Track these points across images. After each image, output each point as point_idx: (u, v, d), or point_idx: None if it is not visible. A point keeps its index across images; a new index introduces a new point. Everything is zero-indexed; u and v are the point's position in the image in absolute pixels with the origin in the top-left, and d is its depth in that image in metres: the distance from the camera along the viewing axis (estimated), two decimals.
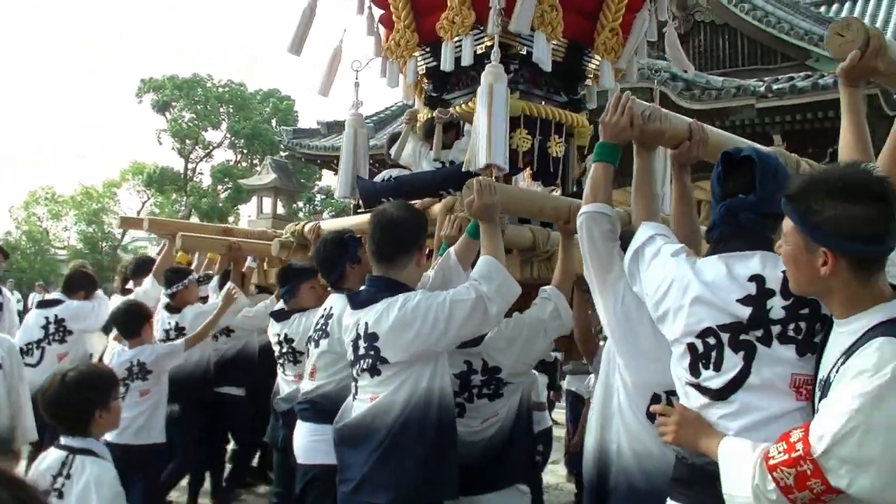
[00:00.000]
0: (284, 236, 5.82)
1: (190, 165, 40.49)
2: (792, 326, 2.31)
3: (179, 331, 6.13)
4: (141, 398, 5.40)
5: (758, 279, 2.37)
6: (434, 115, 5.65)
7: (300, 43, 5.80)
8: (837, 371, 1.99)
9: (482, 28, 5.17)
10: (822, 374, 2.09)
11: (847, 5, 20.03)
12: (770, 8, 15.96)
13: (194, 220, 39.14)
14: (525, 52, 5.33)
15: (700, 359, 2.41)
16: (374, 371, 3.33)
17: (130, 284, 7.53)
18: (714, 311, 2.39)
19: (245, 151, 40.10)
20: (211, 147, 40.61)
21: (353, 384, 3.50)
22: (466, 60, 5.22)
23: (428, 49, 5.72)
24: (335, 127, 21.17)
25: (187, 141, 39.39)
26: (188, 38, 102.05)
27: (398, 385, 3.27)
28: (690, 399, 2.44)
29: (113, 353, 5.60)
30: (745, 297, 2.37)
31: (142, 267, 7.37)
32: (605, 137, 2.94)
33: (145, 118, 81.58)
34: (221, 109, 39.72)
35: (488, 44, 5.20)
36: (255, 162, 38.90)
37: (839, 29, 2.61)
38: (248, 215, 36.50)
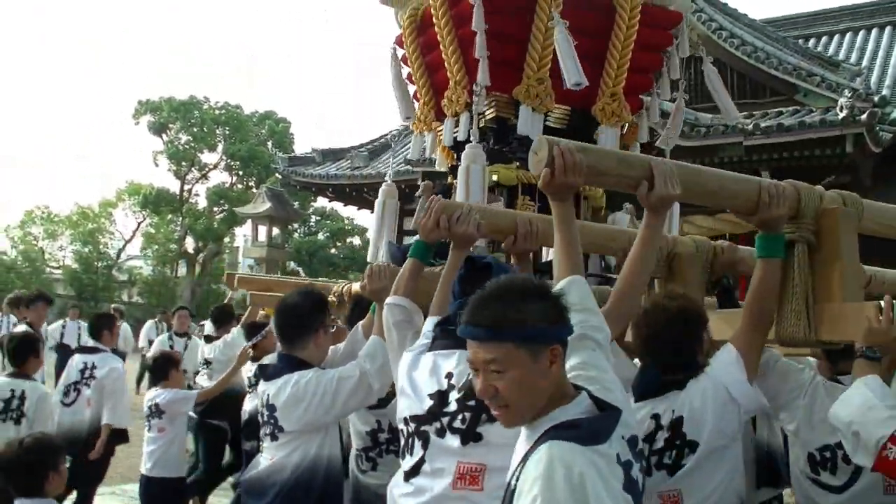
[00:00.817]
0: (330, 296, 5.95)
1: (186, 187, 40.62)
2: (459, 417, 2.58)
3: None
4: (158, 434, 6.41)
5: (448, 375, 2.66)
6: (422, 185, 5.89)
7: (409, 107, 6.11)
8: (517, 479, 1.97)
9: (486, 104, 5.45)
10: (507, 478, 2.08)
11: (836, 38, 20.30)
12: (759, 43, 16.14)
13: (190, 241, 39.54)
14: None
15: (402, 445, 2.78)
16: (273, 436, 3.85)
17: (210, 329, 8.74)
18: (411, 402, 2.74)
19: (241, 173, 40.24)
20: (207, 169, 40.75)
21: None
22: (462, 136, 5.46)
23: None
24: (330, 155, 21.35)
25: (183, 163, 39.52)
26: (188, 37, 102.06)
27: (291, 450, 3.78)
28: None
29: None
30: (435, 392, 2.66)
31: (221, 317, 8.78)
32: (420, 236, 3.29)
33: (142, 139, 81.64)
34: (217, 131, 39.86)
35: (489, 116, 5.49)
36: (250, 184, 39.09)
37: (535, 148, 2.71)
38: (243, 234, 36.78)
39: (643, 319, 3.17)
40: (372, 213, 22.46)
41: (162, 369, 6.57)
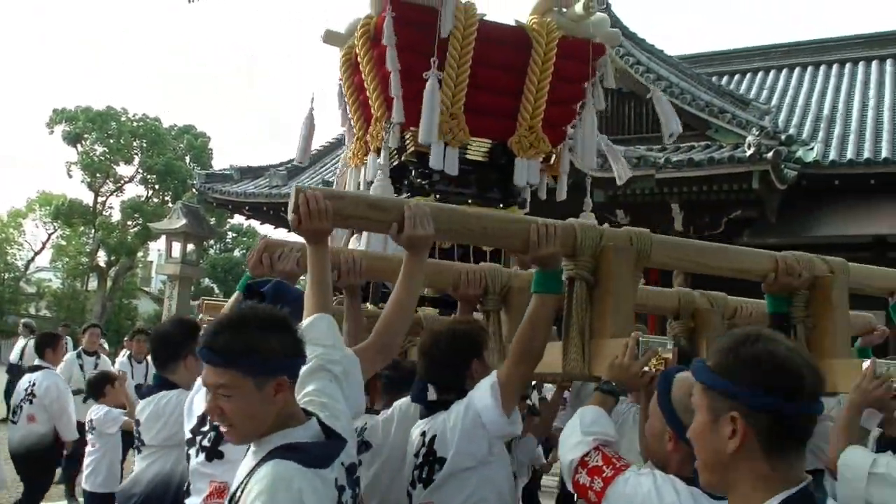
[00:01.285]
0: None
1: (100, 199, 39.69)
2: (209, 436, 2.94)
3: None
4: (92, 448, 6.75)
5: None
6: None
7: (305, 152, 6.16)
8: (242, 491, 2.11)
9: (404, 139, 5.53)
10: (232, 489, 2.23)
11: (748, 76, 20.95)
12: (674, 79, 16.55)
13: (102, 255, 38.67)
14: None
15: None
16: (138, 449, 4.22)
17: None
18: (188, 426, 3.09)
19: (157, 187, 39.49)
20: (122, 182, 39.89)
21: None
22: (370, 174, 5.56)
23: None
24: (248, 172, 21.19)
25: (98, 174, 38.62)
26: (188, 38, 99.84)
27: (149, 463, 4.12)
28: None
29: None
30: (201, 414, 2.97)
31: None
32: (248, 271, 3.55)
33: (57, 148, 79.78)
34: (135, 143, 39.05)
35: (409, 150, 5.59)
36: (166, 199, 38.37)
37: (293, 194, 2.90)
38: (158, 249, 36.14)
39: (425, 340, 3.45)
40: (288, 231, 22.32)
41: (98, 386, 6.85)
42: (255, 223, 26.23)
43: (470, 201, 5.68)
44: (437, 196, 5.64)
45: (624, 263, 3.19)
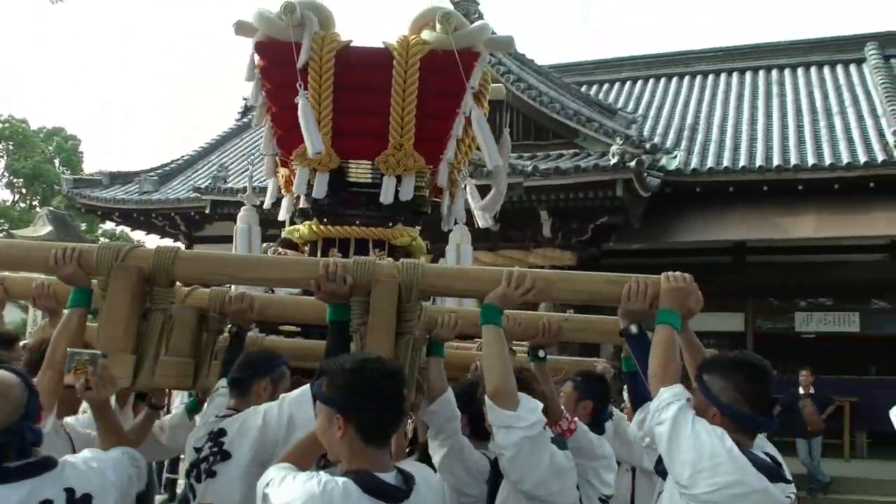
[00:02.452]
0: None
1: None
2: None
3: None
4: None
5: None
6: None
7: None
8: None
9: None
10: None
11: (616, 86, 21.55)
12: (544, 88, 16.92)
13: None
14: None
15: None
16: None
17: None
18: None
19: (24, 192, 38.16)
20: None
21: None
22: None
23: None
24: (118, 178, 20.68)
25: None
26: (187, 39, 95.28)
27: None
28: None
29: None
30: None
31: None
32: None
33: None
34: (0, 146, 37.73)
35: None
36: (34, 203, 37.10)
37: None
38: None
39: None
40: (161, 238, 21.89)
41: None
42: (126, 229, 25.61)
43: (357, 222, 5.75)
44: (326, 220, 5.69)
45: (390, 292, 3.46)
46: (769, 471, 2.70)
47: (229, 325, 4.02)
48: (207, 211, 17.18)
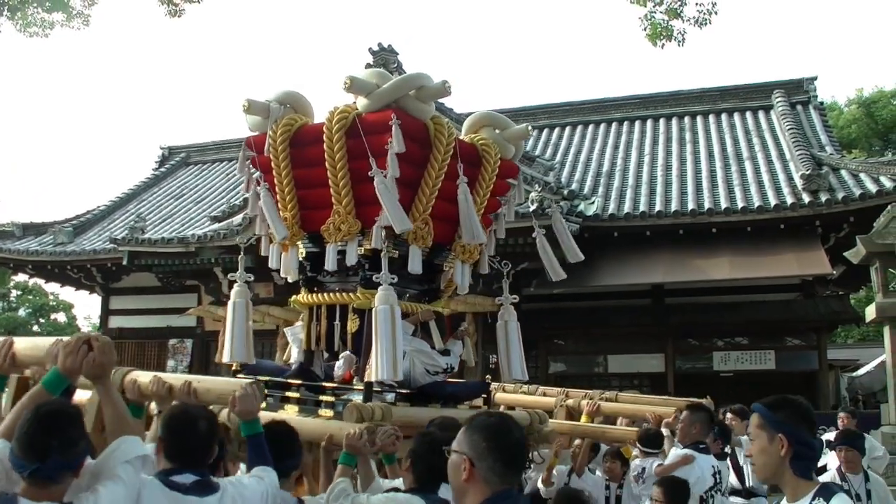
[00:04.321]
0: None
1: None
2: None
3: None
4: None
5: None
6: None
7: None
8: None
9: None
10: None
11: (534, 133, 21.84)
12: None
13: None
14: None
15: None
16: None
17: None
18: None
19: None
20: None
21: None
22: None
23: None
24: (31, 229, 20.24)
25: None
26: (103, 84, 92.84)
27: None
28: None
29: None
30: None
31: None
32: None
33: None
34: None
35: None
36: None
37: None
38: None
39: None
40: (76, 290, 21.44)
41: None
42: (40, 281, 25.00)
43: (337, 289, 5.99)
44: (337, 291, 5.91)
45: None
46: None
47: None
48: (125, 262, 16.87)
